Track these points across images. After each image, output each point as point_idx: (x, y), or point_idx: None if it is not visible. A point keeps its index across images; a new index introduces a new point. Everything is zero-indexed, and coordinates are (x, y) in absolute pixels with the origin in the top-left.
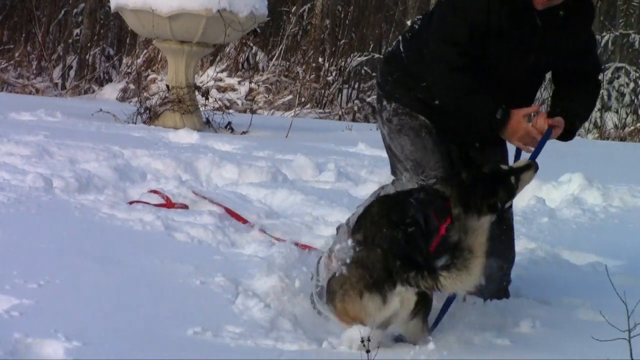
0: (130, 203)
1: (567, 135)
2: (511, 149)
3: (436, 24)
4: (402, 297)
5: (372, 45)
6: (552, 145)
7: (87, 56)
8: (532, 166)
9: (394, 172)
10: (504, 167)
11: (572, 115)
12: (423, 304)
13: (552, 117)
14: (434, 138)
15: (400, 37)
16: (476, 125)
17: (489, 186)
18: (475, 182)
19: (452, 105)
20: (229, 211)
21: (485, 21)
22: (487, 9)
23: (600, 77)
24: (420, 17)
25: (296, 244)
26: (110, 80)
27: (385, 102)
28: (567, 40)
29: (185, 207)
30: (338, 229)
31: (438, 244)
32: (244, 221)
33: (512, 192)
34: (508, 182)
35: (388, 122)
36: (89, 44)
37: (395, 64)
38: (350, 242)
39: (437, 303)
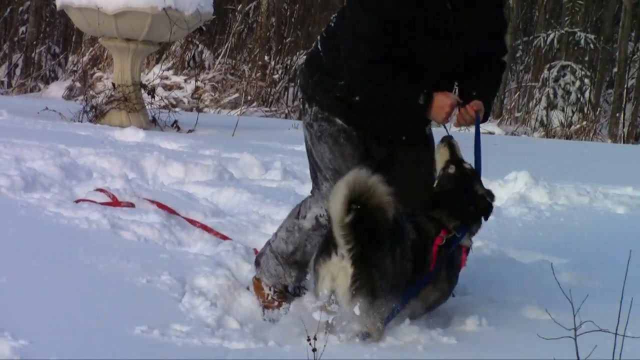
0: (77, 201)
1: (484, 118)
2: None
3: (348, 20)
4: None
5: None
6: (499, 144)
7: (33, 54)
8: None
9: (314, 181)
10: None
11: (485, 97)
12: (368, 283)
13: (469, 101)
14: (353, 143)
15: (318, 37)
16: (401, 112)
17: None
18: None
19: (372, 99)
20: (193, 221)
21: (395, 12)
22: (396, 0)
23: (505, 59)
24: (336, 14)
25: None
26: (56, 78)
27: (307, 106)
28: (479, 22)
29: (131, 205)
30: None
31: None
32: (193, 223)
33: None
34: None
35: (309, 127)
36: (34, 42)
37: (314, 65)
38: None
39: None
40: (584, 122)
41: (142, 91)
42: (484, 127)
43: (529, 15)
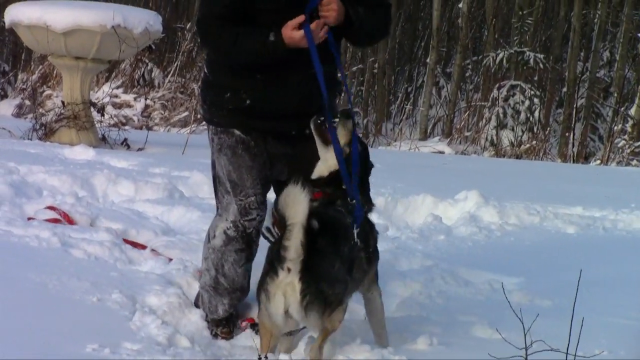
0: (29, 219)
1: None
2: None
3: (199, 9)
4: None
5: None
6: (449, 163)
7: None
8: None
9: (217, 198)
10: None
11: (354, 13)
12: (318, 295)
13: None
14: (252, 153)
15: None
16: (263, 58)
17: None
18: None
19: (228, 53)
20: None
21: None
22: None
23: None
24: None
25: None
26: (5, 96)
27: (209, 126)
28: None
29: (81, 224)
30: None
31: None
32: (141, 247)
33: None
34: None
35: (211, 142)
36: None
37: (204, 87)
38: None
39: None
40: (534, 142)
41: (92, 109)
42: (434, 147)
43: (478, 35)
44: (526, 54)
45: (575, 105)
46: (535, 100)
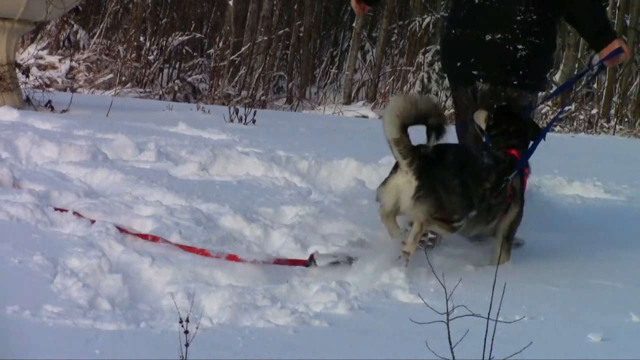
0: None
1: None
2: None
3: None
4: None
5: (193, 25)
6: (375, 128)
7: None
8: None
9: None
10: None
11: None
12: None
13: None
14: None
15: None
16: None
17: None
18: None
19: None
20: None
21: None
22: None
23: None
24: None
25: (118, 228)
26: None
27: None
28: None
29: (3, 185)
30: None
31: None
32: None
33: None
34: None
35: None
36: None
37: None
38: None
39: None
40: None
41: (17, 71)
42: (358, 111)
43: (404, 0)
44: None
45: None
46: None
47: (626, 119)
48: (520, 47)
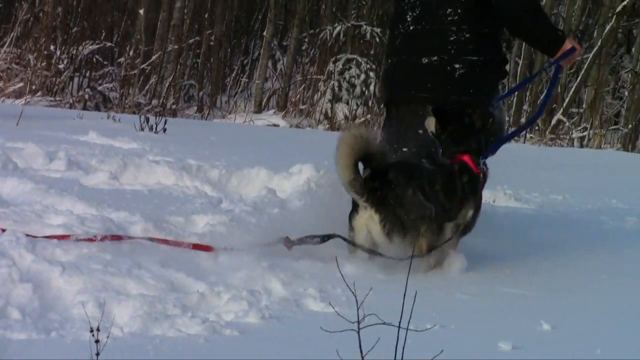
0: None
1: None
2: None
3: None
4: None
5: (104, 34)
6: (283, 137)
7: None
8: None
9: None
10: None
11: None
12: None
13: None
14: None
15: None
16: None
17: None
18: None
19: None
20: None
21: None
22: None
23: None
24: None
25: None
26: None
27: None
28: None
29: None
30: None
31: None
32: None
33: None
34: None
35: None
36: None
37: None
38: None
39: None
40: (369, 115)
41: None
42: (269, 120)
43: (315, 8)
44: (363, 28)
45: None
46: (371, 74)
47: (536, 127)
48: (457, 66)
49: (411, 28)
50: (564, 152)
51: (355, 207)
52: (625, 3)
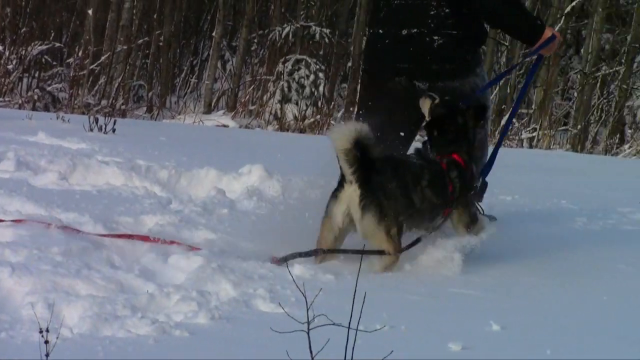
0: None
1: None
2: None
3: None
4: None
5: (53, 34)
6: (233, 137)
7: None
8: None
9: None
10: None
11: None
12: (374, 200)
13: None
14: None
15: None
16: None
17: None
18: None
19: None
20: None
21: None
22: None
23: None
24: None
25: None
26: None
27: None
28: None
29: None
30: None
31: None
32: None
33: None
34: None
35: None
36: None
37: None
38: None
39: None
40: (318, 116)
41: None
42: (219, 120)
43: (264, 9)
44: (312, 29)
45: (360, 80)
46: (320, 74)
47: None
48: (436, 37)
49: (395, 2)
50: (514, 152)
51: (340, 183)
52: (573, 4)
